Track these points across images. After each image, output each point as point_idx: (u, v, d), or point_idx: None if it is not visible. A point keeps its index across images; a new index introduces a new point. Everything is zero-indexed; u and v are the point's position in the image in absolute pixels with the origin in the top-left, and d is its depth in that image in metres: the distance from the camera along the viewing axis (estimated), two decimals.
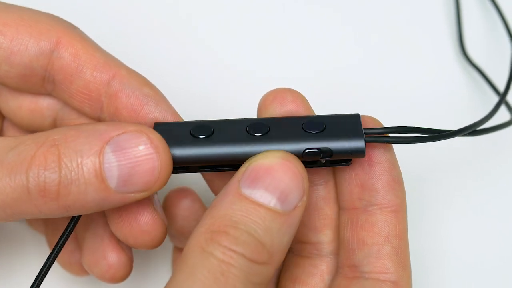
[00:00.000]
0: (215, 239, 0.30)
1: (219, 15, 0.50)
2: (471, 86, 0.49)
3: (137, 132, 0.31)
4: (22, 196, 0.31)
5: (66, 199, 0.31)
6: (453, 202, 0.46)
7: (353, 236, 0.34)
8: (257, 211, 0.30)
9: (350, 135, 0.33)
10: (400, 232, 0.34)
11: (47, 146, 0.31)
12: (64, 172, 0.31)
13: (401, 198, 0.34)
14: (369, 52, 0.50)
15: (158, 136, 0.32)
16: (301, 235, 0.36)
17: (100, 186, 0.31)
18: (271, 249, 0.30)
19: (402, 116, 0.47)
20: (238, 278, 0.29)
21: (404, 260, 0.34)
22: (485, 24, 0.51)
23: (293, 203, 0.31)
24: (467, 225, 0.45)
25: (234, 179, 0.31)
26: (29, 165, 0.31)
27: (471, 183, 0.46)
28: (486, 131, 0.38)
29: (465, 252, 0.45)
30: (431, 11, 0.51)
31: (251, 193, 0.30)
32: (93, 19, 0.47)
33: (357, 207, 0.35)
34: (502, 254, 0.45)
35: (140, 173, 0.31)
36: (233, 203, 0.31)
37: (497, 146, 0.47)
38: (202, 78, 0.48)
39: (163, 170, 0.32)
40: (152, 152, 0.31)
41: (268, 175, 0.31)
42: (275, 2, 0.51)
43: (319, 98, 0.46)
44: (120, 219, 0.35)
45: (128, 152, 0.31)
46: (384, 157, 0.34)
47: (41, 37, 0.35)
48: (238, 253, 0.29)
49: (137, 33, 0.49)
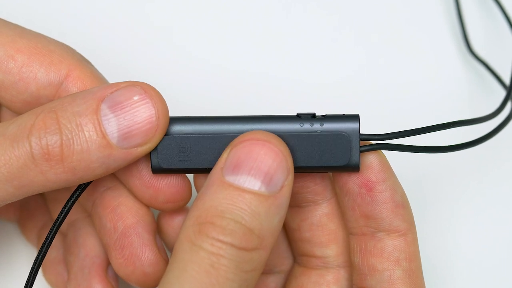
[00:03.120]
0: (203, 231, 0.29)
1: (218, 17, 0.50)
2: (478, 82, 0.49)
3: (129, 86, 0.32)
4: (27, 164, 0.31)
5: (71, 159, 0.31)
6: (458, 203, 0.46)
7: (363, 262, 0.34)
8: (242, 197, 0.30)
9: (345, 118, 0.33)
10: (411, 255, 0.34)
11: (45, 112, 0.32)
12: (65, 133, 0.31)
13: (408, 220, 0.34)
14: (372, 53, 0.49)
15: (151, 86, 0.32)
16: (307, 250, 0.36)
17: (102, 142, 0.31)
18: (260, 234, 0.30)
19: (411, 115, 0.47)
20: (229, 268, 0.29)
21: (417, 280, 0.34)
22: (486, 18, 0.51)
23: (278, 184, 0.31)
24: (473, 226, 0.45)
25: (217, 167, 0.31)
26: (29, 131, 0.31)
27: (476, 184, 0.46)
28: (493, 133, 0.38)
29: (472, 255, 0.44)
30: (431, 10, 0.51)
31: (235, 179, 0.30)
32: (89, 25, 0.47)
33: (365, 233, 0.34)
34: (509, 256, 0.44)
35: (139, 123, 0.32)
36: (218, 192, 0.30)
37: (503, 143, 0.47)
38: (199, 80, 0.48)
39: (161, 117, 0.32)
40: (147, 100, 0.32)
41: (249, 158, 0.31)
42: (274, 4, 0.50)
43: (321, 99, 0.47)
44: (123, 259, 0.35)
45: (124, 104, 0.32)
46: (384, 185, 0.34)
47: (51, 68, 0.35)
48: (227, 243, 0.29)
49: (138, 34, 0.49)
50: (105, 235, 0.36)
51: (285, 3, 0.50)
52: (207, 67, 0.48)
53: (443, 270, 0.44)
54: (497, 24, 0.50)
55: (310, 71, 0.48)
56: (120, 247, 0.36)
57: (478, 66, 0.49)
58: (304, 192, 0.35)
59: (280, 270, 0.39)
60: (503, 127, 0.39)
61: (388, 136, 0.33)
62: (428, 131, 0.34)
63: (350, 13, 0.50)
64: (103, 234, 0.37)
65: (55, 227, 0.34)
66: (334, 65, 0.49)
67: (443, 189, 0.46)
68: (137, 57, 0.47)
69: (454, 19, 0.50)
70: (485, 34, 0.50)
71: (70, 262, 0.39)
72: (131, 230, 0.36)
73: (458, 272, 0.44)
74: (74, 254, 0.39)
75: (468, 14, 0.50)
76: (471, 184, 0.46)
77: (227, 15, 0.49)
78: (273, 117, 0.33)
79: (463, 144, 0.35)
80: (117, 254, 0.36)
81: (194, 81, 0.47)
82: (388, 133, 0.33)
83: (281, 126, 0.33)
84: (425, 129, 0.34)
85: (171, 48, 0.48)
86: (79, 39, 0.38)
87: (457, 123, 0.35)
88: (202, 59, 0.48)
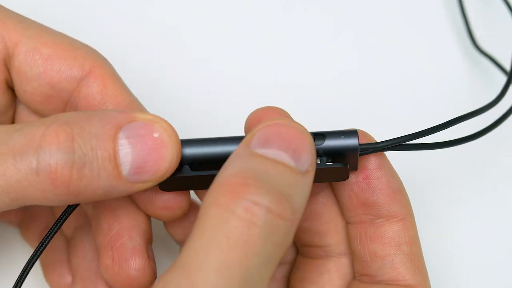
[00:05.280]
0: (236, 193, 0.27)
1: (216, 20, 0.50)
2: (482, 76, 0.49)
3: (150, 120, 0.31)
4: (28, 178, 0.29)
5: (78, 184, 0.30)
6: (458, 202, 0.46)
7: (364, 249, 0.34)
8: (275, 166, 0.29)
9: (345, 134, 0.32)
10: (411, 238, 0.34)
11: (58, 124, 0.30)
12: (78, 154, 0.29)
13: (406, 206, 0.34)
14: (375, 50, 0.49)
15: (171, 126, 0.31)
16: (307, 239, 0.36)
17: (113, 172, 0.30)
18: (293, 204, 0.28)
19: (415, 111, 0.47)
20: (259, 240, 0.27)
21: (419, 264, 0.34)
22: (490, 11, 0.51)
23: (305, 164, 0.30)
24: (473, 225, 0.45)
25: (242, 145, 0.30)
26: (39, 144, 0.29)
27: (475, 183, 0.46)
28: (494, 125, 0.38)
29: (472, 254, 0.44)
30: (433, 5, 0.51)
31: (265, 152, 0.29)
32: (86, 28, 0.47)
33: (363, 221, 0.35)
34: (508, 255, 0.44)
35: (153, 161, 0.31)
36: (248, 161, 0.29)
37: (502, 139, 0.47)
38: (199, 79, 0.48)
39: (175, 160, 0.31)
40: (166, 141, 0.31)
41: (278, 137, 0.30)
42: (274, 4, 0.50)
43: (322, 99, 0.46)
44: (111, 260, 0.34)
45: (144, 139, 0.31)
46: (380, 172, 0.34)
47: (75, 63, 0.35)
48: (263, 206, 0.27)
49: (138, 34, 0.49)
50: (99, 235, 0.36)
51: (285, 3, 0.50)
52: (208, 66, 0.48)
53: (442, 266, 0.44)
54: (500, 16, 0.50)
55: (311, 71, 0.48)
56: (110, 247, 0.35)
57: (482, 59, 0.49)
58: None
59: (285, 261, 0.39)
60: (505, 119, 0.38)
61: (388, 143, 0.33)
62: (426, 134, 0.34)
63: (352, 11, 0.50)
64: (98, 234, 0.36)
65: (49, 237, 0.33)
66: (337, 62, 0.49)
67: (441, 184, 0.46)
68: (137, 56, 0.47)
69: (457, 13, 0.50)
70: (488, 27, 0.50)
71: (76, 264, 0.39)
72: (125, 232, 0.35)
73: (457, 268, 0.44)
74: (80, 257, 0.39)
75: (470, 7, 0.50)
76: (470, 180, 0.46)
77: (227, 15, 0.50)
78: None
79: (463, 138, 0.35)
80: (106, 254, 0.35)
81: (194, 80, 0.48)
82: (387, 141, 0.33)
83: None
84: (424, 132, 0.34)
85: (171, 48, 0.48)
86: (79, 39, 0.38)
87: (458, 119, 0.35)
88: (202, 58, 0.48)
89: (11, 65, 0.35)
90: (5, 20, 0.35)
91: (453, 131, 0.36)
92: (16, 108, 0.37)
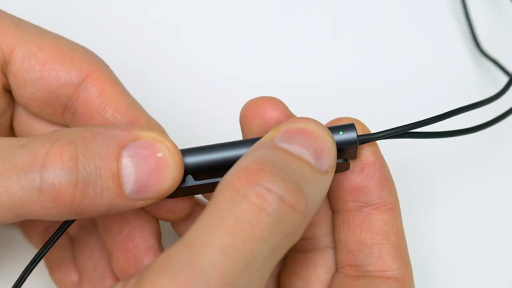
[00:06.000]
0: (250, 177, 0.28)
1: (216, 20, 0.50)
2: (486, 78, 0.49)
3: (154, 139, 0.31)
4: (32, 196, 0.29)
5: (81, 203, 0.30)
6: (446, 196, 0.46)
7: (351, 237, 0.34)
8: (295, 159, 0.29)
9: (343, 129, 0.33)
10: (398, 229, 0.34)
11: (62, 143, 0.30)
12: (82, 174, 0.30)
13: (394, 196, 0.34)
14: (378, 51, 0.49)
15: (174, 144, 0.32)
16: None
17: (116, 191, 0.30)
18: (307, 198, 0.29)
19: (418, 112, 0.45)
20: (266, 226, 0.27)
21: (405, 255, 0.34)
22: (493, 12, 0.51)
23: (325, 165, 0.30)
24: (461, 220, 0.45)
25: (266, 138, 0.31)
26: (43, 163, 0.29)
27: (463, 177, 0.46)
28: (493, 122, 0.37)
29: (461, 248, 0.44)
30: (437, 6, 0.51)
31: (287, 146, 0.30)
32: (86, 28, 0.48)
33: (351, 209, 0.35)
34: (500, 249, 0.44)
35: (156, 180, 0.31)
36: (269, 151, 0.29)
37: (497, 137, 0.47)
38: (199, 79, 0.48)
39: (176, 179, 0.31)
40: (170, 160, 0.31)
41: (302, 135, 0.30)
42: (274, 4, 0.50)
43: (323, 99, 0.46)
44: (126, 262, 0.35)
45: (147, 159, 0.31)
46: (373, 157, 0.34)
47: (72, 67, 0.35)
48: (275, 193, 0.28)
49: (137, 34, 0.49)
50: (109, 238, 0.36)
51: (285, 3, 0.50)
52: (207, 67, 0.48)
53: (434, 260, 0.44)
54: (504, 17, 0.50)
55: (311, 71, 0.48)
56: (123, 249, 0.35)
57: (486, 62, 0.48)
58: None
59: None
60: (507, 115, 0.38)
61: (385, 133, 0.33)
62: (425, 124, 0.34)
63: (355, 14, 0.50)
64: (108, 237, 0.36)
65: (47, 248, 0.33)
66: (337, 62, 0.49)
67: (436, 178, 0.46)
68: (136, 57, 0.48)
69: (461, 15, 0.50)
70: (492, 29, 0.50)
71: (82, 264, 0.39)
72: (136, 233, 0.35)
73: (449, 263, 0.44)
74: (86, 256, 0.39)
75: (474, 9, 0.50)
76: (467, 173, 0.46)
77: (227, 15, 0.50)
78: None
79: (463, 129, 0.35)
80: (120, 256, 0.35)
81: (194, 80, 0.48)
82: (385, 131, 0.33)
83: None
84: (422, 122, 0.34)
85: (171, 48, 0.48)
86: (80, 39, 0.38)
87: (457, 111, 0.35)
88: (202, 59, 0.48)
89: (8, 70, 0.35)
90: (1, 24, 0.35)
91: (451, 125, 0.37)
92: (14, 110, 0.37)
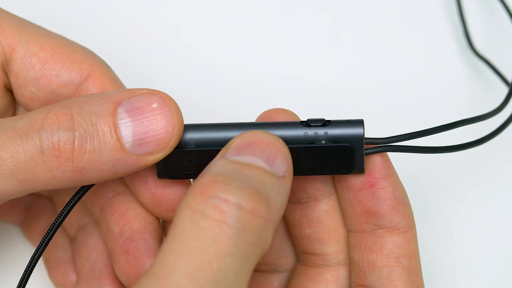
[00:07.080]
0: (204, 192, 0.27)
1: (216, 20, 0.50)
2: (480, 80, 0.49)
3: (148, 93, 0.32)
4: (35, 158, 0.30)
5: (81, 158, 0.30)
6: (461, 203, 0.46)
7: (363, 258, 0.34)
8: (248, 168, 0.29)
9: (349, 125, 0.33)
10: (410, 252, 0.34)
11: (58, 108, 0.31)
12: (78, 130, 0.30)
13: (409, 218, 0.34)
14: (373, 52, 0.49)
15: (169, 96, 0.32)
16: (307, 247, 0.36)
17: (115, 145, 0.31)
18: (268, 202, 0.28)
19: (413, 114, 0.47)
20: (230, 239, 0.27)
21: (416, 279, 0.34)
22: (487, 14, 0.51)
23: (281, 169, 0.30)
24: (475, 227, 0.45)
25: (217, 157, 0.31)
26: (41, 125, 0.30)
27: (478, 184, 0.46)
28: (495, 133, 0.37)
29: (473, 255, 0.44)
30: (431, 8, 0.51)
31: (239, 158, 0.30)
32: (87, 25, 0.48)
33: (365, 230, 0.35)
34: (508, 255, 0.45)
35: (155, 131, 0.31)
36: (221, 165, 0.29)
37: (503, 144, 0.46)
38: (199, 78, 0.48)
39: (176, 128, 0.31)
40: (166, 110, 0.31)
41: (251, 146, 0.30)
42: (274, 4, 0.50)
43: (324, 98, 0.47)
44: (128, 264, 0.35)
45: (142, 110, 0.31)
46: (386, 181, 0.34)
47: (73, 67, 0.35)
48: (231, 202, 0.27)
49: (137, 34, 0.49)
50: (110, 240, 0.36)
51: (286, 2, 0.50)
52: (208, 66, 0.48)
53: (443, 270, 0.44)
54: (499, 20, 0.50)
55: (311, 71, 0.48)
56: (125, 251, 0.35)
57: (479, 64, 0.49)
58: (303, 186, 0.35)
59: (284, 269, 0.39)
60: (507, 125, 0.38)
61: (392, 139, 0.33)
62: (432, 133, 0.34)
63: (350, 13, 0.50)
64: (109, 238, 0.36)
65: (55, 225, 0.33)
66: (335, 64, 0.49)
67: (444, 189, 0.46)
68: (136, 56, 0.47)
69: (455, 17, 0.50)
70: (487, 31, 0.50)
71: (80, 264, 0.39)
72: (138, 235, 0.36)
73: (459, 272, 0.44)
74: (84, 257, 0.39)
75: (468, 11, 0.50)
76: (472, 184, 0.46)
77: (227, 15, 0.50)
78: (277, 124, 0.33)
79: (466, 143, 0.35)
80: (121, 258, 0.35)
81: (194, 79, 0.48)
82: (392, 137, 0.33)
83: (285, 133, 0.33)
84: (429, 131, 0.34)
85: (171, 48, 0.48)
86: (80, 40, 0.38)
87: (461, 122, 0.35)
88: (203, 58, 0.48)
89: (9, 70, 0.35)
90: (2, 23, 0.35)
91: (452, 135, 0.36)
92: (15, 111, 0.38)
